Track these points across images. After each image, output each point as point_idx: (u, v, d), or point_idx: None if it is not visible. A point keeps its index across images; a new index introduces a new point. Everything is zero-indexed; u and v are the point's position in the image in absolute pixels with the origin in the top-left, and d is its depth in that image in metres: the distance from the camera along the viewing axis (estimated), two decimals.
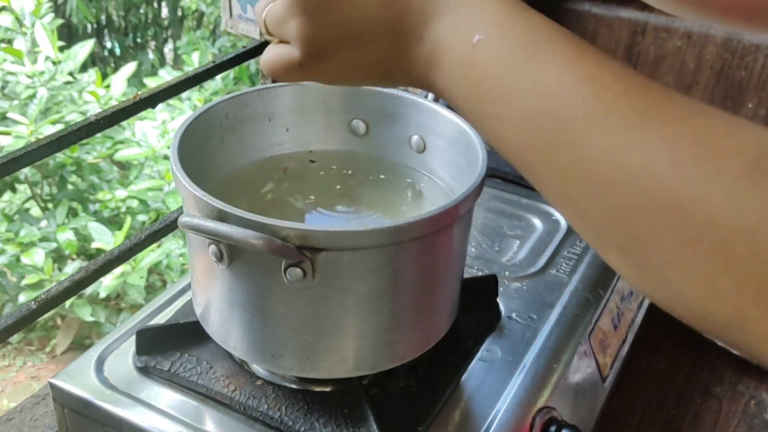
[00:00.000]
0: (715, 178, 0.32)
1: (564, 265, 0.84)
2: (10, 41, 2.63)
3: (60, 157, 2.56)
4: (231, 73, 3.07)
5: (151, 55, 3.87)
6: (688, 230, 0.32)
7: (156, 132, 2.62)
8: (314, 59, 0.45)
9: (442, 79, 0.42)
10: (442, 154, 0.70)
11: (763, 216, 0.30)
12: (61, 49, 2.69)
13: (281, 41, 0.47)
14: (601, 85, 0.36)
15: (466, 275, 0.68)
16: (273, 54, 0.48)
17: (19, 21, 2.62)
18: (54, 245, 2.43)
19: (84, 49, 2.70)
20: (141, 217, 2.57)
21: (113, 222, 2.58)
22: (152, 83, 2.67)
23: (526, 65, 0.38)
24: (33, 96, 2.53)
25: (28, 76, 2.55)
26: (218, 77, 3.00)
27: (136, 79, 3.04)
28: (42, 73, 2.56)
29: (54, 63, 2.60)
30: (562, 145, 0.36)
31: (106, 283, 2.33)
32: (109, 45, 3.80)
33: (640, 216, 0.34)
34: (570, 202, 0.38)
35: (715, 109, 0.35)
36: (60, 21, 2.91)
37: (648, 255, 0.34)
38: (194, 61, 2.96)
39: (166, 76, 2.90)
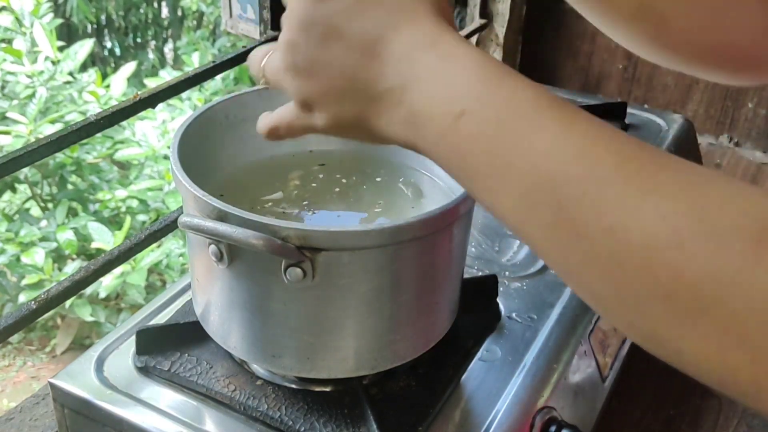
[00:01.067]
0: (719, 255, 0.31)
1: None
2: (9, 41, 2.63)
3: (60, 157, 2.56)
4: (231, 73, 3.06)
5: (151, 55, 3.87)
6: (697, 307, 0.32)
7: (156, 132, 2.62)
8: (304, 111, 0.47)
9: (427, 145, 0.42)
10: None
11: None
12: (61, 49, 2.68)
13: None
14: (594, 160, 0.35)
15: (466, 275, 0.68)
16: (276, 114, 0.50)
17: (18, 21, 2.62)
18: (54, 245, 2.43)
19: (83, 48, 2.70)
20: (141, 217, 2.57)
21: (113, 222, 2.58)
22: (152, 84, 2.67)
23: (513, 141, 0.37)
24: (32, 96, 2.53)
25: (28, 76, 2.55)
26: (218, 77, 3.00)
27: (136, 79, 3.03)
28: (41, 72, 2.56)
29: (53, 63, 2.60)
30: (558, 222, 0.36)
31: (106, 283, 2.33)
32: (109, 45, 3.80)
33: (645, 293, 0.33)
34: (573, 275, 0.37)
35: (709, 174, 0.34)
36: (59, 21, 2.90)
37: (657, 328, 0.34)
38: (194, 62, 2.96)
39: (167, 76, 2.90)
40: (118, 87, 2.65)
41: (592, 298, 0.37)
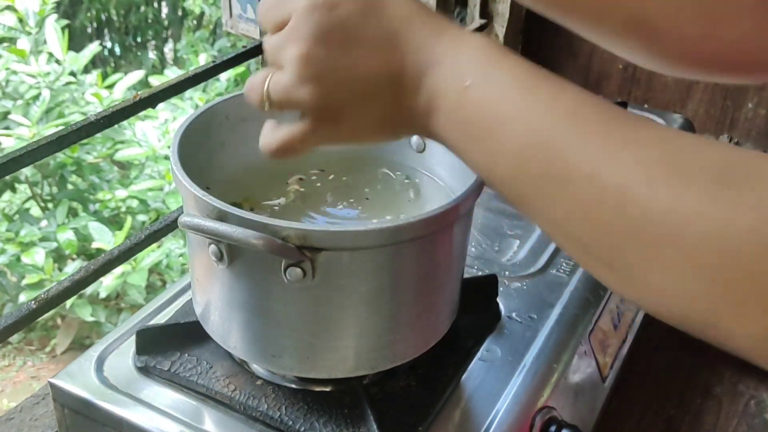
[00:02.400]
0: (682, 192, 0.35)
1: (564, 264, 0.84)
2: (13, 40, 2.63)
3: (60, 157, 2.56)
4: (232, 76, 3.06)
5: (151, 55, 3.87)
6: (662, 240, 0.35)
7: (157, 132, 2.62)
8: (327, 122, 0.47)
9: (439, 125, 0.45)
10: (442, 154, 0.70)
11: (727, 223, 0.33)
12: None
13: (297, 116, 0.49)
14: (581, 118, 0.40)
15: (466, 275, 0.68)
16: (285, 132, 0.49)
17: (22, 21, 2.62)
18: (54, 245, 2.42)
19: (88, 50, 2.70)
20: (141, 217, 2.57)
21: (113, 222, 2.58)
22: (157, 82, 2.66)
23: (512, 105, 0.42)
24: (37, 96, 2.53)
25: (32, 76, 2.55)
26: (223, 79, 3.00)
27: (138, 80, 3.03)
28: (47, 74, 2.56)
29: (58, 63, 2.60)
30: (548, 173, 0.40)
31: (107, 283, 2.32)
32: (109, 45, 3.80)
33: (620, 231, 0.37)
34: (559, 226, 0.41)
35: (685, 133, 0.38)
36: (65, 22, 2.90)
37: (630, 266, 0.38)
38: (201, 62, 2.96)
39: (172, 75, 2.89)
40: (121, 92, 2.65)
41: (576, 246, 0.41)
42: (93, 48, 2.72)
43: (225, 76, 3.01)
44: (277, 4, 0.48)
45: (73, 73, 2.63)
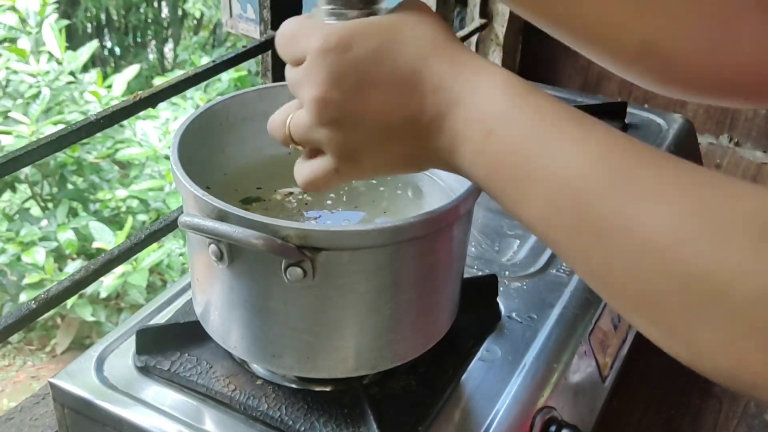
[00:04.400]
0: (725, 248, 0.34)
1: (564, 264, 0.84)
2: (13, 40, 2.63)
3: (61, 156, 2.56)
4: (230, 80, 3.07)
5: (151, 56, 3.87)
6: (707, 298, 0.34)
7: (157, 132, 2.62)
8: (349, 163, 0.47)
9: (464, 165, 0.44)
10: None
11: None
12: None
13: (313, 152, 0.49)
14: (611, 164, 0.38)
15: (466, 275, 0.68)
16: (309, 170, 0.49)
17: (23, 21, 2.62)
18: (55, 244, 2.43)
19: (87, 49, 2.71)
20: (141, 217, 2.57)
21: (113, 222, 2.58)
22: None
23: (536, 152, 0.40)
24: (37, 95, 2.53)
25: (32, 75, 2.55)
26: (225, 81, 3.01)
27: (136, 80, 3.03)
28: (47, 72, 2.56)
29: (58, 62, 2.60)
30: (581, 224, 0.39)
31: (107, 283, 2.33)
32: (109, 45, 3.80)
33: (661, 286, 0.36)
34: (596, 275, 0.40)
35: (718, 176, 0.37)
36: (66, 22, 2.91)
37: (673, 322, 0.36)
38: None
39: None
40: (120, 88, 2.65)
41: (616, 299, 0.39)
42: (91, 46, 2.72)
43: (225, 77, 3.02)
44: (292, 41, 0.47)
45: (72, 73, 2.64)
